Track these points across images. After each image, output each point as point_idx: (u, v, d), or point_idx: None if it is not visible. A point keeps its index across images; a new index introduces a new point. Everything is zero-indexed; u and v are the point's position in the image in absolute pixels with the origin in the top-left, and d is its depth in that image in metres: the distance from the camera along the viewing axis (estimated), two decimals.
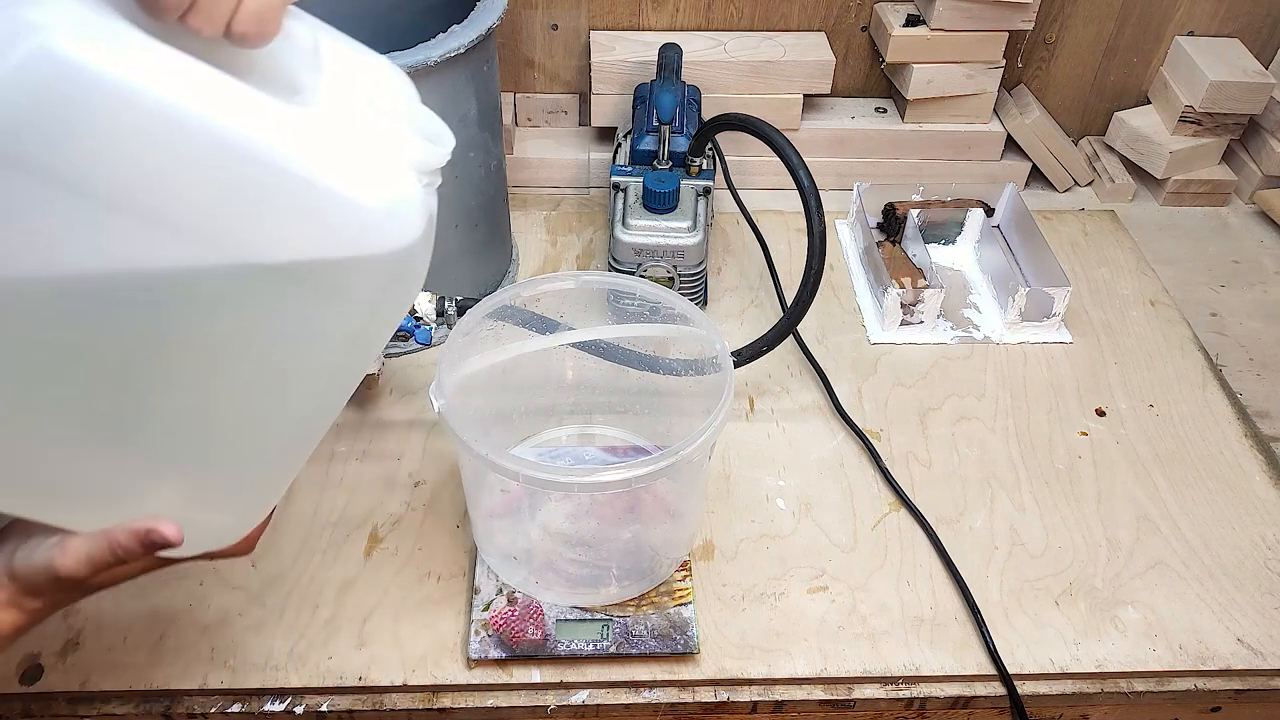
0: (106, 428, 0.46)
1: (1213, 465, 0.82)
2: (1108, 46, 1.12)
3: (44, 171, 0.37)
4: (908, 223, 0.99)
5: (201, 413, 0.47)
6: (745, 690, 0.68)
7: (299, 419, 0.51)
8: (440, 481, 0.79)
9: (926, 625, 0.70)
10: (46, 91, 0.36)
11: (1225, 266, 1.07)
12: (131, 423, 0.46)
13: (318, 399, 0.50)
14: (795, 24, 1.10)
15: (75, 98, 0.36)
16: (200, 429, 0.48)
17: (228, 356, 0.45)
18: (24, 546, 0.50)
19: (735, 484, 0.80)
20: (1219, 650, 0.69)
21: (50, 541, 0.49)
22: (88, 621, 0.69)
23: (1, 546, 0.51)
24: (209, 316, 0.43)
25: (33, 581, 0.49)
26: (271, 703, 0.66)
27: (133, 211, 0.39)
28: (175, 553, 0.51)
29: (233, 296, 0.42)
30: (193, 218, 0.40)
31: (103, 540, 0.48)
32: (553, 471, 0.60)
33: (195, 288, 0.41)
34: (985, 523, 0.77)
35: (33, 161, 0.37)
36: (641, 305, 0.72)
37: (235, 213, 0.40)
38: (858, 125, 1.12)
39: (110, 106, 0.37)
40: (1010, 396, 0.88)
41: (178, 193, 0.39)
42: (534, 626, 0.67)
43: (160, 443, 0.47)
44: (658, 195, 0.89)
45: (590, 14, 1.08)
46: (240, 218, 0.40)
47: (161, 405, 0.46)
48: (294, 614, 0.70)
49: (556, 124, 1.15)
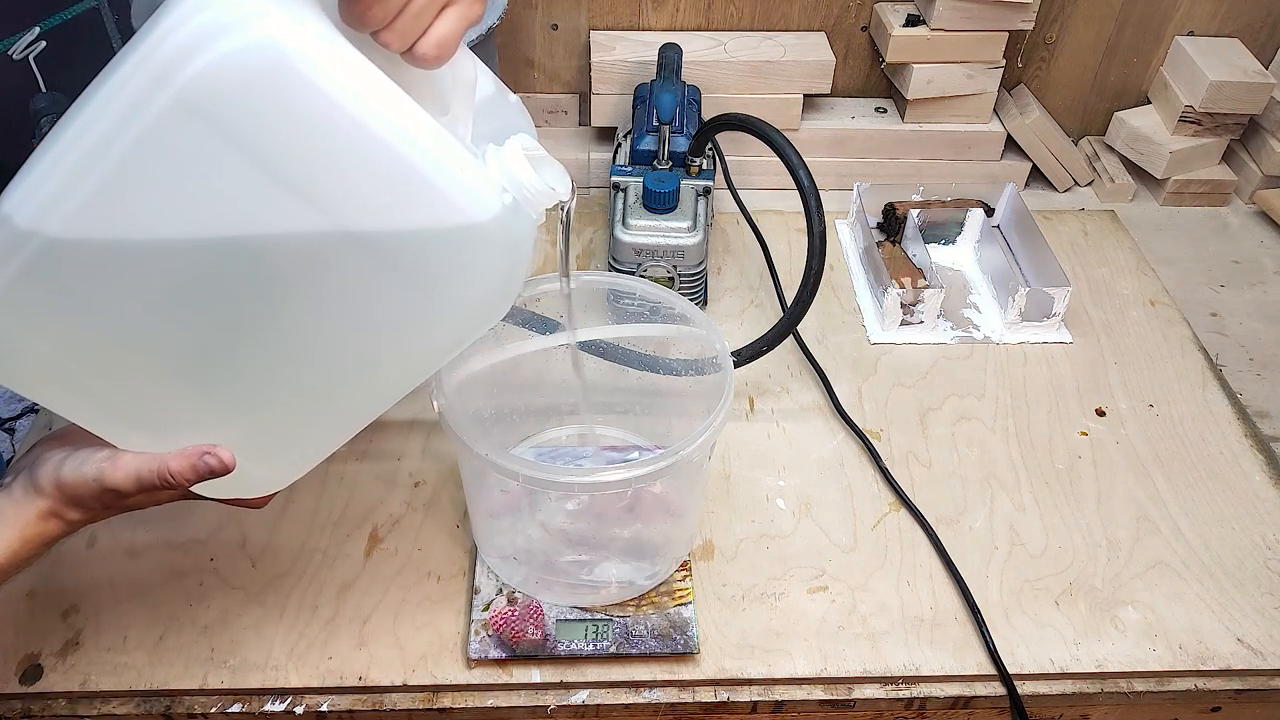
0: (200, 370, 0.51)
1: (1213, 465, 0.82)
2: (1108, 46, 1.12)
3: (238, 140, 0.43)
4: (908, 223, 0.99)
5: (285, 370, 0.52)
6: (745, 690, 0.68)
7: (365, 394, 0.54)
8: (440, 481, 0.79)
9: (926, 625, 0.70)
10: (259, 74, 0.41)
11: (1225, 266, 1.07)
12: (222, 369, 0.51)
13: (386, 379, 0.54)
14: (795, 24, 1.10)
15: (280, 83, 0.41)
16: (281, 386, 0.52)
17: (322, 321, 0.49)
18: (72, 458, 0.54)
19: (735, 484, 0.80)
20: (1219, 650, 0.69)
21: (100, 455, 0.53)
22: (88, 621, 0.69)
23: (48, 457, 0.55)
24: (314, 282, 0.48)
25: (78, 492, 0.53)
26: (271, 703, 0.66)
27: (289, 185, 0.44)
28: (208, 490, 0.55)
29: (336, 264, 0.47)
30: (334, 195, 0.45)
31: (154, 463, 0.52)
32: (553, 471, 0.60)
33: (307, 253, 0.46)
34: (985, 523, 0.77)
35: (233, 130, 0.42)
36: (641, 305, 0.72)
37: (365, 191, 0.45)
38: (858, 125, 1.12)
39: (306, 96, 0.42)
40: (1010, 396, 0.88)
41: (331, 174, 0.44)
42: (534, 626, 0.67)
43: (242, 391, 0.52)
44: (658, 195, 0.89)
45: (590, 14, 1.08)
46: (365, 194, 0.45)
47: (253, 358, 0.51)
48: (294, 614, 0.70)
49: (556, 124, 1.15)
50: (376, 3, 0.43)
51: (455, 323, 0.51)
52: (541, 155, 0.53)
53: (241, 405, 0.53)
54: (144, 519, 0.74)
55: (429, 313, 0.50)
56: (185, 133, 0.42)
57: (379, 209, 0.46)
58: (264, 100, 0.42)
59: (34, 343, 0.49)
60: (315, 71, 0.42)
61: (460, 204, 0.46)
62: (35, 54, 0.79)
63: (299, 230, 0.45)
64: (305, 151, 0.44)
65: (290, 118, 0.42)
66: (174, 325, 0.49)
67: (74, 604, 0.70)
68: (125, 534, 0.74)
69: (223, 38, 0.40)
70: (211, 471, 0.52)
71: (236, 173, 0.44)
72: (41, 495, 0.54)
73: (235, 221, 0.45)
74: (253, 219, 0.45)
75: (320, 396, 0.53)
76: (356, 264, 0.47)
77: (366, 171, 0.44)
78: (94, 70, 0.45)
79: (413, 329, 0.51)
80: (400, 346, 0.52)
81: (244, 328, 0.49)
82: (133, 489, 0.53)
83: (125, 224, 0.45)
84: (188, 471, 0.52)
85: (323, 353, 0.51)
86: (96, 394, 0.52)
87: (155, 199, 0.45)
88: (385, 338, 0.51)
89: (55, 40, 0.80)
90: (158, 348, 0.50)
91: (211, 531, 0.74)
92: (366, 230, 0.46)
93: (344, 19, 0.43)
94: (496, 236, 0.48)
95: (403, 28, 0.44)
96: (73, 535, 0.56)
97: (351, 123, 0.43)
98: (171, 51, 0.41)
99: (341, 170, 0.44)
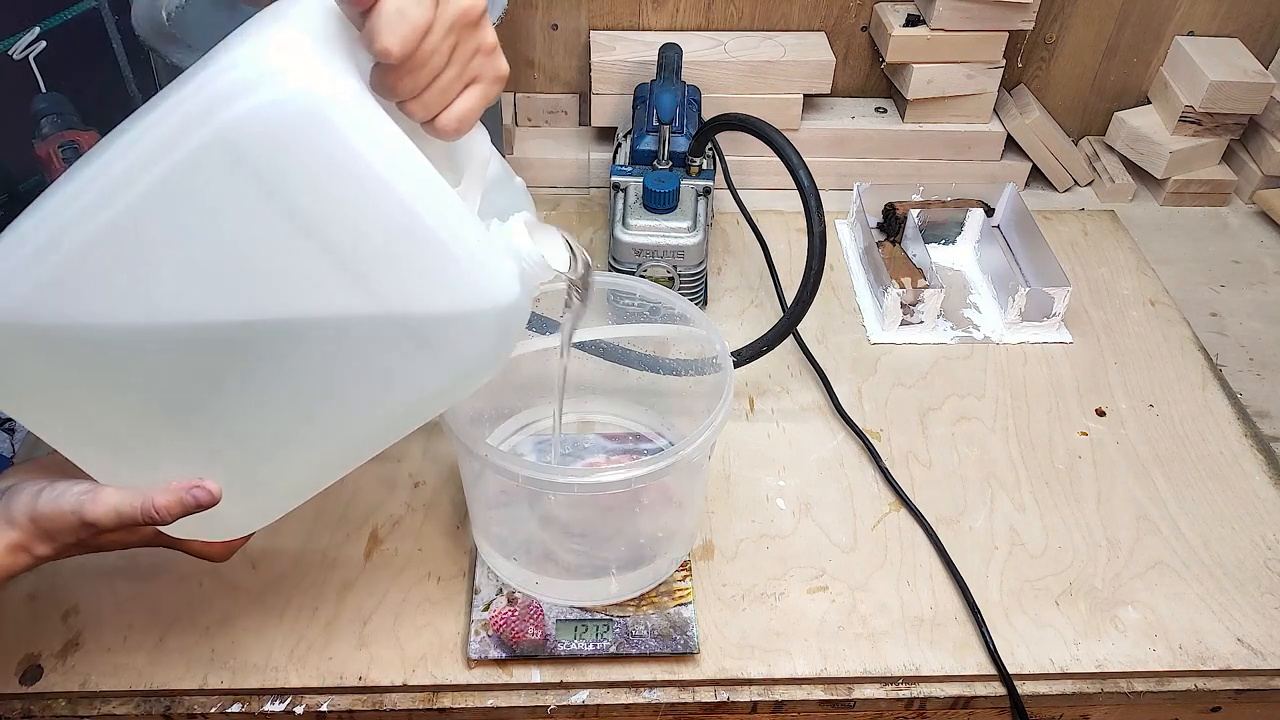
0: (193, 411, 0.51)
1: (1213, 465, 0.82)
2: (1108, 46, 1.12)
3: (269, 187, 0.44)
4: (908, 223, 0.99)
5: (277, 418, 0.52)
6: (745, 690, 0.68)
7: (350, 446, 0.55)
8: (440, 482, 0.79)
9: (926, 625, 0.70)
10: (297, 124, 0.42)
11: (1225, 266, 1.07)
12: (215, 412, 0.51)
13: (372, 434, 0.55)
14: (795, 24, 1.10)
15: (317, 136, 0.43)
16: (270, 432, 0.53)
17: (321, 374, 0.50)
18: (49, 490, 0.53)
19: (735, 484, 0.80)
20: (1219, 650, 0.69)
21: (79, 488, 0.53)
22: (88, 622, 0.69)
23: (22, 488, 0.54)
24: (319, 338, 0.49)
25: (53, 525, 0.53)
26: (271, 703, 0.66)
27: (310, 235, 0.45)
28: (179, 529, 0.54)
29: (348, 326, 0.48)
30: (356, 256, 0.46)
31: (137, 498, 0.52)
32: (552, 472, 0.60)
33: (319, 308, 0.47)
34: (985, 523, 0.77)
35: (264, 176, 0.43)
36: (641, 305, 0.72)
37: (388, 259, 0.46)
38: (858, 125, 1.12)
39: (340, 152, 0.43)
40: (1010, 396, 0.88)
41: (356, 235, 0.45)
42: (534, 626, 0.67)
43: (231, 434, 0.53)
44: (658, 195, 0.89)
45: (590, 14, 1.08)
46: (389, 264, 0.46)
47: (246, 403, 0.51)
48: (294, 615, 0.70)
49: (556, 124, 1.15)
50: (408, 74, 0.44)
51: (449, 385, 0.52)
52: (545, 229, 0.55)
53: (228, 447, 0.53)
54: None
55: (428, 377, 0.51)
56: (216, 173, 0.43)
57: (398, 276, 0.47)
58: (299, 150, 0.43)
59: (29, 362, 0.49)
60: (351, 129, 0.43)
61: (482, 287, 0.48)
62: (35, 54, 0.79)
63: (314, 286, 0.46)
64: (331, 207, 0.45)
65: (323, 171, 0.44)
66: (174, 367, 0.49)
67: (74, 605, 0.70)
68: None
69: (264, 87, 0.42)
70: (199, 505, 0.52)
71: (260, 220, 0.45)
72: (13, 527, 0.53)
73: (251, 273, 0.46)
74: (270, 271, 0.46)
75: (306, 445, 0.54)
76: (368, 329, 0.48)
77: (389, 236, 0.45)
78: (94, 70, 0.45)
79: (408, 390, 0.51)
80: (392, 405, 0.52)
81: (242, 374, 0.50)
82: (112, 523, 0.52)
83: (136, 263, 0.46)
84: (174, 506, 0.52)
85: (315, 404, 0.52)
86: (81, 422, 0.52)
87: (173, 239, 0.45)
88: (381, 397, 0.51)
89: (55, 40, 0.80)
90: (153, 386, 0.50)
91: None
92: (384, 296, 0.47)
93: (374, 87, 0.45)
94: (508, 315, 0.50)
95: (429, 99, 0.46)
96: None
97: (380, 184, 0.44)
98: (216, 93, 0.42)
99: (365, 233, 0.45)
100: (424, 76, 0.45)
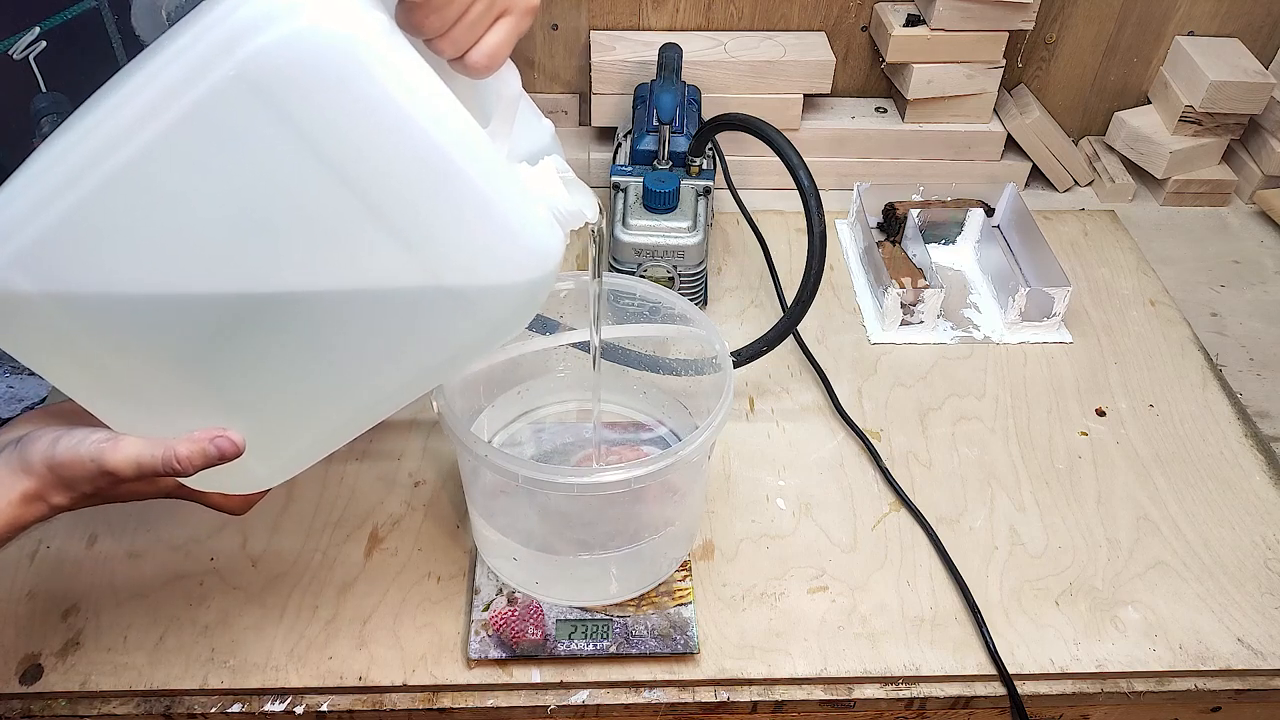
0: (215, 359, 0.49)
1: (1213, 465, 0.82)
2: (1108, 46, 1.12)
3: (295, 122, 0.41)
4: (908, 223, 0.99)
5: (305, 368, 0.51)
6: (745, 690, 0.68)
7: (369, 405, 0.54)
8: (440, 481, 0.79)
9: (926, 625, 0.70)
10: (324, 57, 0.41)
11: (1225, 266, 1.07)
12: (239, 360, 0.50)
13: (393, 394, 0.53)
14: (795, 24, 1.10)
15: (345, 69, 0.41)
16: (297, 383, 0.51)
17: (349, 324, 0.49)
18: (67, 436, 0.51)
19: (735, 484, 0.80)
20: (1219, 650, 0.69)
21: (98, 435, 0.51)
22: (88, 622, 0.69)
23: (39, 435, 0.52)
24: (356, 307, 0.48)
25: (71, 473, 0.50)
26: (271, 703, 0.66)
27: (339, 174, 0.43)
28: (201, 480, 0.53)
29: (389, 293, 0.47)
30: (392, 210, 0.44)
31: (158, 448, 0.50)
32: (552, 472, 0.60)
33: (349, 253, 0.45)
34: (985, 523, 0.77)
35: (291, 111, 0.41)
36: (641, 305, 0.72)
37: (426, 214, 0.45)
38: (858, 125, 1.12)
39: (367, 86, 0.41)
40: (1010, 396, 0.88)
41: (386, 182, 0.43)
42: (534, 626, 0.67)
43: (256, 384, 0.51)
44: (658, 195, 0.89)
45: (590, 14, 1.08)
46: (428, 218, 0.45)
47: (274, 351, 0.49)
48: (294, 614, 0.70)
49: (556, 124, 1.13)
50: (435, 11, 0.43)
51: (483, 338, 0.51)
52: (571, 178, 0.54)
53: (253, 397, 0.52)
54: (144, 519, 0.74)
55: (462, 333, 0.50)
56: (239, 111, 0.41)
57: (437, 231, 0.45)
58: (327, 87, 0.41)
59: (47, 308, 0.47)
60: (381, 65, 0.41)
61: (524, 246, 0.47)
62: (35, 54, 0.79)
63: (347, 238, 0.45)
64: (362, 149, 0.43)
65: (353, 110, 0.42)
66: (198, 309, 0.47)
67: (74, 604, 0.70)
68: (126, 535, 0.74)
69: (289, 18, 0.40)
70: (221, 456, 0.50)
71: (287, 162, 0.43)
72: (30, 474, 0.51)
73: (280, 207, 0.44)
74: (298, 207, 0.44)
75: (331, 399, 0.53)
76: (401, 287, 0.46)
77: (425, 187, 0.44)
78: (94, 70, 0.44)
79: (440, 346, 0.50)
80: (421, 361, 0.51)
81: (267, 327, 0.48)
82: (132, 473, 0.50)
83: (160, 196, 0.44)
84: (196, 457, 0.50)
85: (342, 359, 0.50)
86: (101, 371, 0.49)
87: (197, 173, 0.43)
88: (411, 353, 0.50)
89: (55, 40, 0.80)
90: (176, 330, 0.48)
91: (212, 532, 0.74)
92: (421, 253, 0.45)
93: (401, 24, 0.43)
94: (548, 274, 0.49)
95: (457, 36, 0.45)
96: (72, 536, 0.55)
97: (412, 126, 0.43)
98: (237, 25, 0.40)
99: (399, 180, 0.44)
100: (452, 12, 0.43)
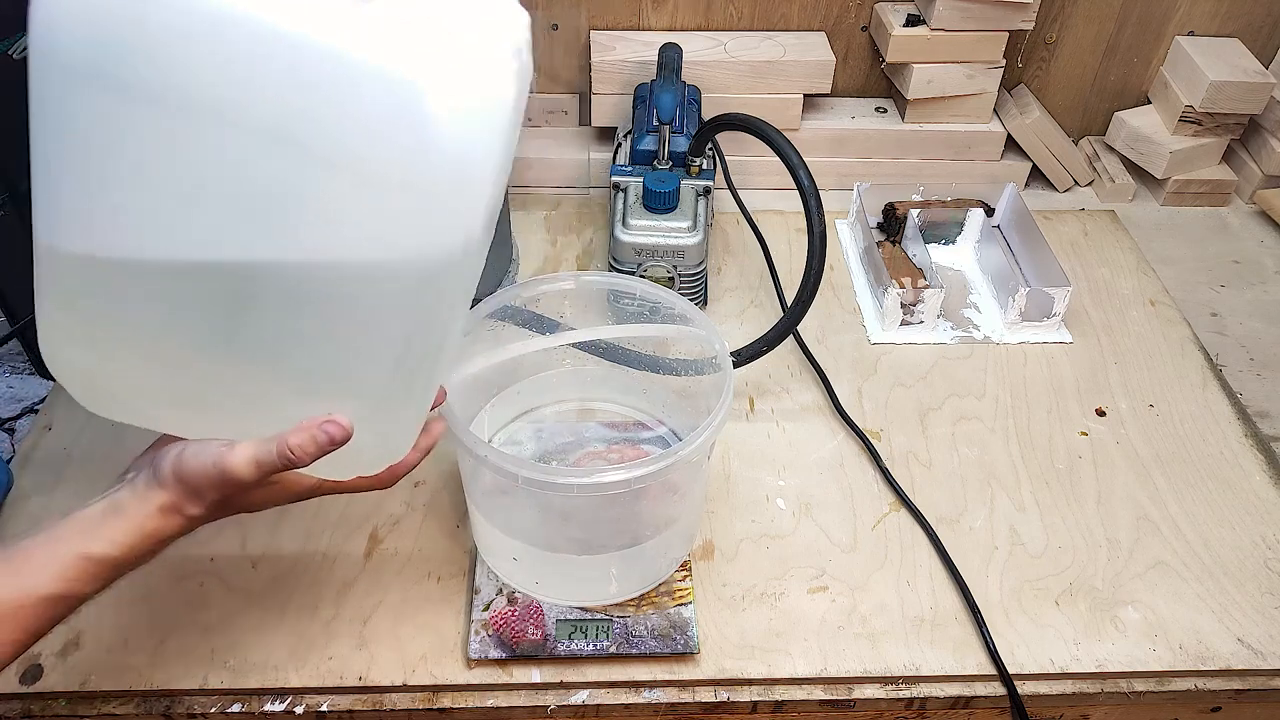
0: (248, 345, 0.50)
1: (1213, 465, 0.82)
2: (1108, 46, 1.12)
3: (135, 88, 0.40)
4: (908, 223, 0.99)
5: (387, 347, 0.50)
6: (745, 690, 0.68)
7: (434, 348, 0.52)
8: (440, 481, 0.79)
9: (926, 625, 0.70)
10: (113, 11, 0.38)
11: (1225, 266, 1.07)
12: (266, 345, 0.50)
13: (445, 321, 0.52)
14: (795, 24, 1.10)
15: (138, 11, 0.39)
16: (382, 362, 0.50)
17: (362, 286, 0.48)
18: (192, 445, 0.53)
19: (735, 484, 0.80)
20: (1219, 650, 0.69)
21: (218, 443, 0.52)
22: (88, 622, 0.69)
23: (170, 448, 0.53)
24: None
25: (198, 481, 0.52)
26: (271, 703, 0.66)
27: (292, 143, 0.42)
28: (326, 469, 0.53)
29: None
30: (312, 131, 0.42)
31: (270, 443, 0.51)
32: (552, 473, 0.60)
33: None
34: (985, 523, 0.77)
35: (125, 79, 0.40)
36: (641, 305, 0.72)
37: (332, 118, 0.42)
38: (858, 125, 1.12)
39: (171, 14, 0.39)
40: (1010, 396, 0.88)
41: (269, 94, 0.41)
42: (534, 626, 0.67)
43: (351, 368, 0.51)
44: (658, 195, 0.89)
45: (590, 14, 1.08)
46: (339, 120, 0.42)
47: (295, 339, 0.50)
48: (294, 614, 0.70)
49: (556, 124, 1.15)
50: None
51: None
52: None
53: (350, 379, 0.51)
54: None
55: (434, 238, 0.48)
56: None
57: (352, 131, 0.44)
58: (131, 33, 0.40)
59: (122, 355, 0.48)
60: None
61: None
62: None
63: (294, 181, 0.44)
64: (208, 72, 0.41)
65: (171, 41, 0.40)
66: (205, 280, 0.48)
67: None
68: None
69: None
70: (332, 441, 0.50)
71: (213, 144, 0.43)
72: (163, 487, 0.52)
73: (228, 176, 0.45)
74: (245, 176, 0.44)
75: (415, 358, 0.52)
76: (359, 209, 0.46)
77: (292, 83, 0.42)
78: None
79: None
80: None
81: (266, 292, 0.48)
82: (252, 474, 0.51)
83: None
84: (308, 444, 0.50)
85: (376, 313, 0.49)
86: (195, 399, 0.51)
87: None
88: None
89: None
90: (192, 306, 0.49)
91: (212, 533, 0.74)
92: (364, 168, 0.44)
93: None
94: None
95: None
96: None
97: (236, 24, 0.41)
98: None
99: (270, 86, 0.42)
100: None
